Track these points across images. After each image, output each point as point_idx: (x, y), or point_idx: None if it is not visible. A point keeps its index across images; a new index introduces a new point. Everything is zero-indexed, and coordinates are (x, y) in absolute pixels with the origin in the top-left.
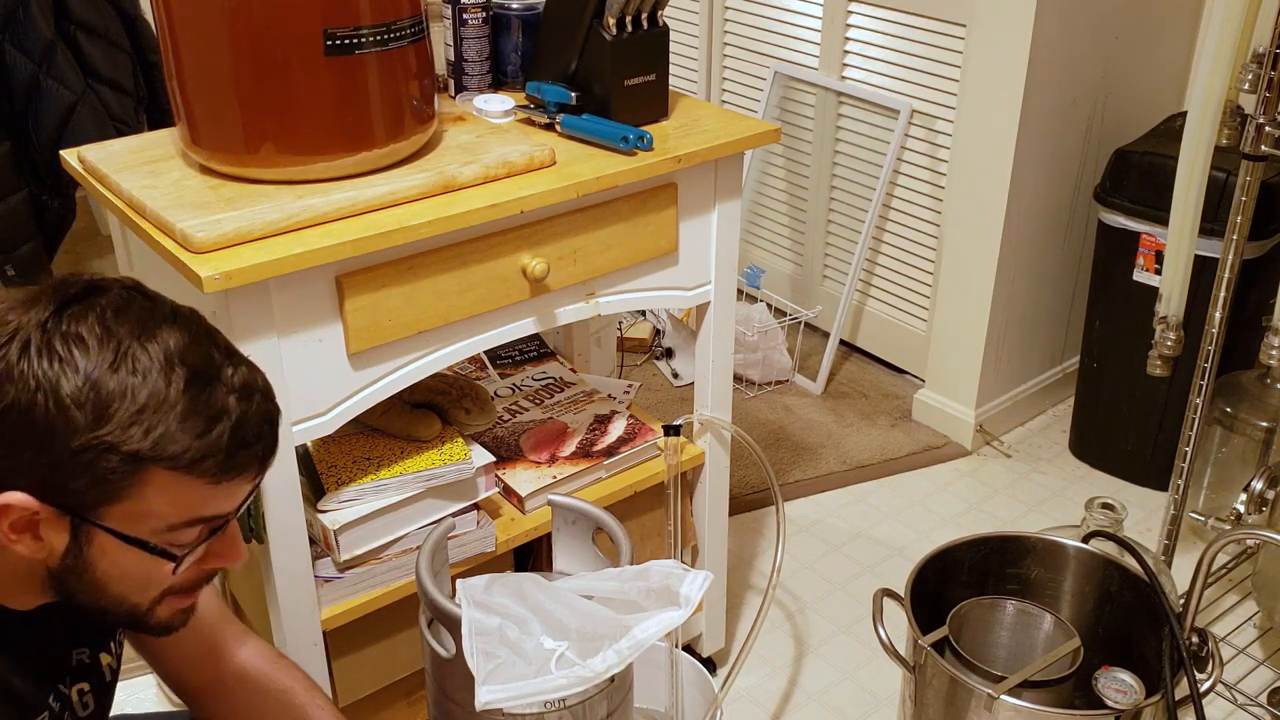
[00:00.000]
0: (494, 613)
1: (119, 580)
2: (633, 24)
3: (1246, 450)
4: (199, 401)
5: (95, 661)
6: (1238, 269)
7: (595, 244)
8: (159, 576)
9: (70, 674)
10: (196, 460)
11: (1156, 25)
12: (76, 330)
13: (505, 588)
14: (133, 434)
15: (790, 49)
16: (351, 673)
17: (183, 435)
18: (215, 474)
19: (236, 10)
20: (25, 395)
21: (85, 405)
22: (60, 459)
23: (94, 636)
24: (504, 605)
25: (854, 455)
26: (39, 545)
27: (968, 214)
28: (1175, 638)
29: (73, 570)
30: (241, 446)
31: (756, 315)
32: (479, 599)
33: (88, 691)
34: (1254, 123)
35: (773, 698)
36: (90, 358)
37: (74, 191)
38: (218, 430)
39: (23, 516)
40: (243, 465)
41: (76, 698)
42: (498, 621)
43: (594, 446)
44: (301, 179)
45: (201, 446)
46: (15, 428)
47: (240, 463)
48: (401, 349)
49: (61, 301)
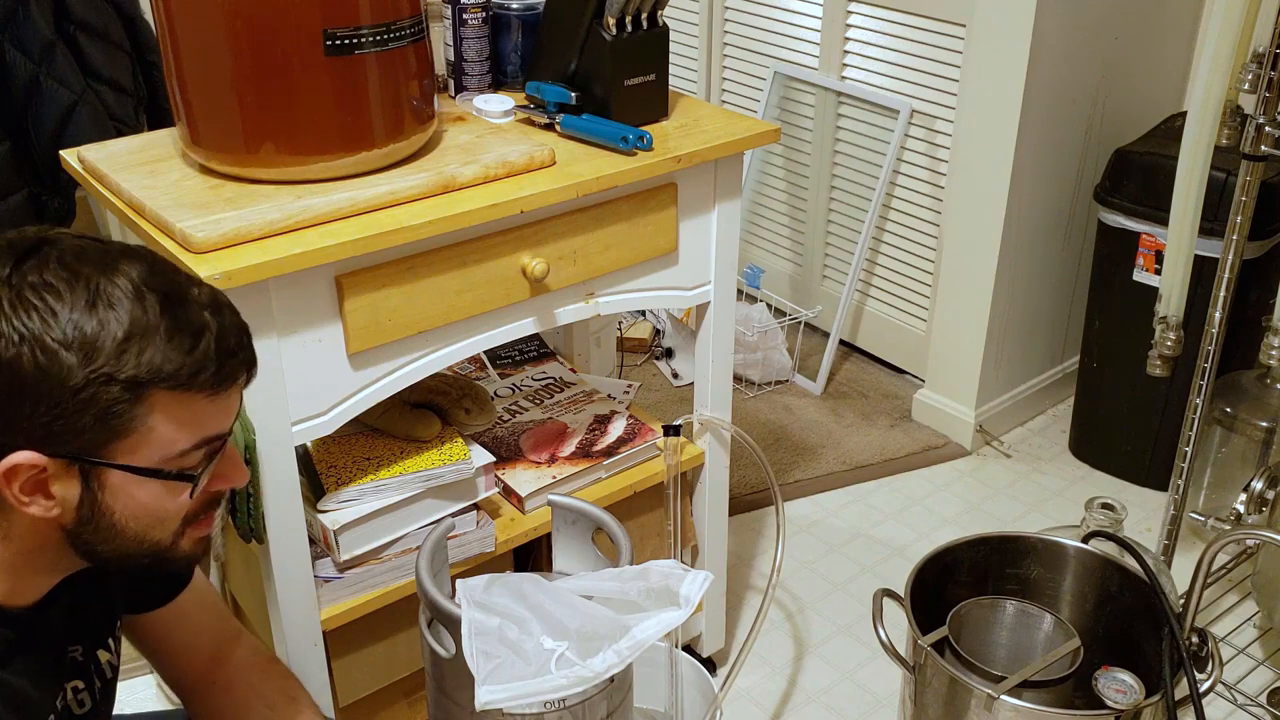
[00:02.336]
0: (494, 613)
1: (137, 518)
2: (633, 24)
3: (1246, 450)
4: (179, 320)
5: (91, 659)
6: (1238, 269)
7: (595, 244)
8: (174, 507)
9: (67, 673)
10: (194, 374)
11: (1156, 25)
12: (43, 279)
13: (505, 588)
14: (126, 361)
15: (790, 49)
16: (351, 673)
17: (174, 353)
18: (212, 385)
19: (236, 10)
20: (10, 351)
21: (73, 346)
22: (61, 405)
23: (90, 633)
24: (504, 605)
25: (854, 455)
26: (51, 504)
27: (968, 214)
28: (1175, 638)
29: (89, 521)
30: (229, 355)
31: (756, 315)
32: (479, 599)
33: (82, 690)
34: (1254, 123)
35: (773, 698)
36: (64, 301)
37: (74, 191)
38: (204, 343)
39: (31, 476)
40: (233, 374)
41: (71, 695)
42: (498, 621)
43: (594, 446)
44: (301, 179)
45: (194, 361)
46: (8, 386)
47: (231, 371)
48: (401, 349)
49: (18, 256)
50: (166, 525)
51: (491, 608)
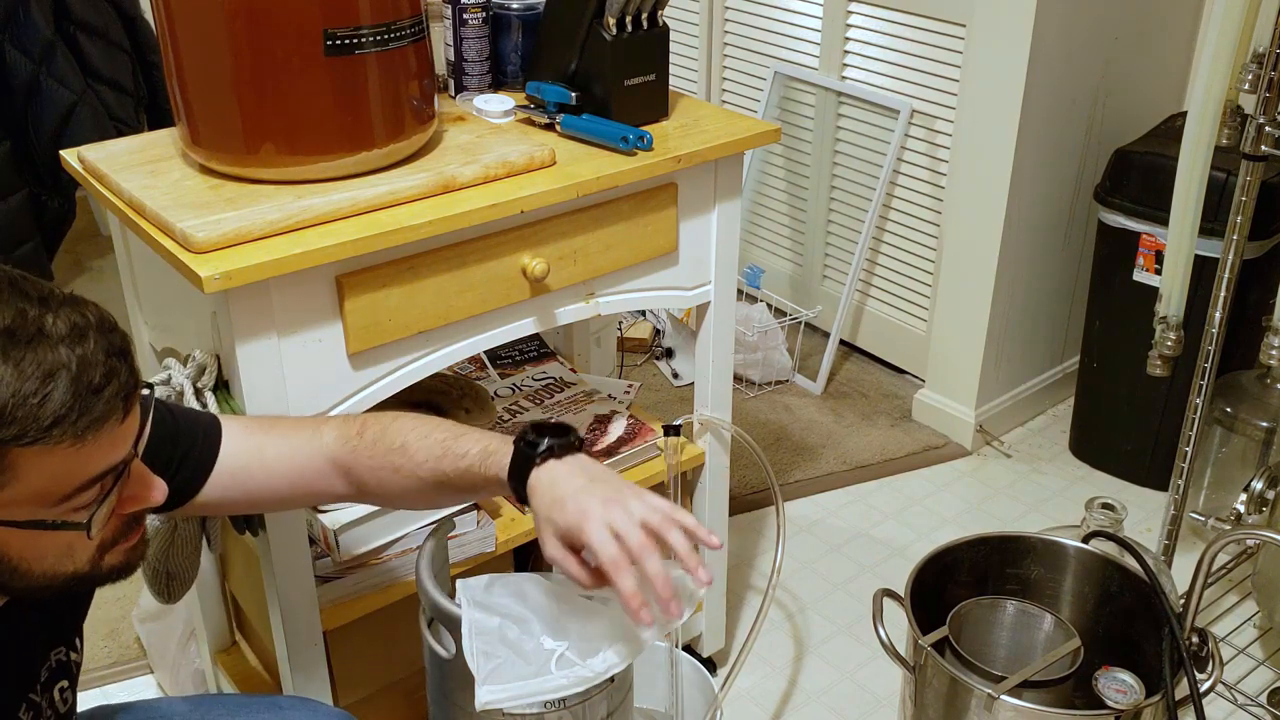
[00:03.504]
0: (494, 612)
1: (41, 560)
2: (633, 24)
3: (1246, 450)
4: (24, 366)
5: (68, 657)
6: (1238, 269)
7: (595, 244)
8: (79, 542)
9: (51, 675)
10: (48, 428)
11: (1156, 25)
12: None
13: (505, 588)
14: None
15: (790, 49)
16: (351, 673)
17: (20, 409)
18: (74, 435)
19: (236, 10)
20: None
21: None
22: None
23: (64, 633)
24: (504, 605)
25: (854, 455)
26: None
27: (968, 214)
28: (1175, 638)
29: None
30: (93, 393)
31: (756, 315)
32: (479, 599)
33: (68, 688)
34: (1254, 123)
35: (773, 698)
36: None
37: (74, 191)
38: (58, 393)
39: None
40: (101, 416)
41: (57, 696)
42: (498, 621)
43: (594, 446)
44: (301, 179)
45: (48, 414)
46: None
47: (98, 414)
48: (401, 349)
49: None
50: (77, 557)
51: (491, 607)
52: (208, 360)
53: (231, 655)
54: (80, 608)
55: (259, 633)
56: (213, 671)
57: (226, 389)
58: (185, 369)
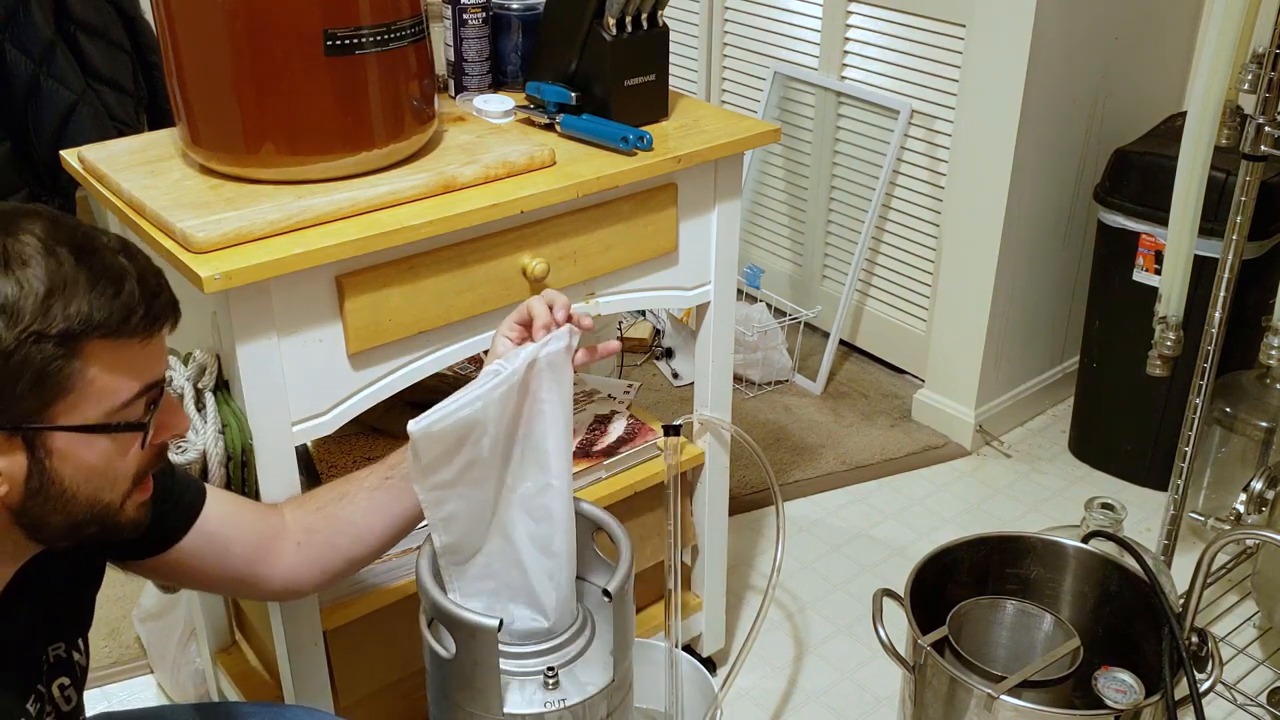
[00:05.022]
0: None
1: (89, 480)
2: (633, 24)
3: (1246, 450)
4: (96, 269)
5: (70, 656)
6: (1238, 269)
7: (595, 244)
8: (125, 464)
9: (49, 671)
10: (124, 319)
11: (1156, 25)
12: None
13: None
14: (54, 316)
15: (790, 49)
16: (351, 673)
17: (100, 301)
18: (144, 328)
19: (236, 10)
20: None
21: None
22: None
23: (66, 631)
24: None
25: (854, 455)
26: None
27: (968, 214)
28: (1175, 638)
29: (39, 492)
30: (154, 296)
31: (756, 315)
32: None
33: (69, 686)
34: (1254, 123)
35: (773, 698)
36: None
37: (74, 191)
38: (128, 287)
39: None
40: (161, 314)
41: (58, 693)
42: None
43: (594, 446)
44: (301, 179)
45: (122, 306)
46: None
47: (159, 312)
48: (401, 349)
49: None
50: (118, 485)
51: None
52: (208, 360)
53: (231, 655)
54: (80, 607)
55: (259, 632)
56: (213, 671)
57: (226, 389)
58: (185, 369)
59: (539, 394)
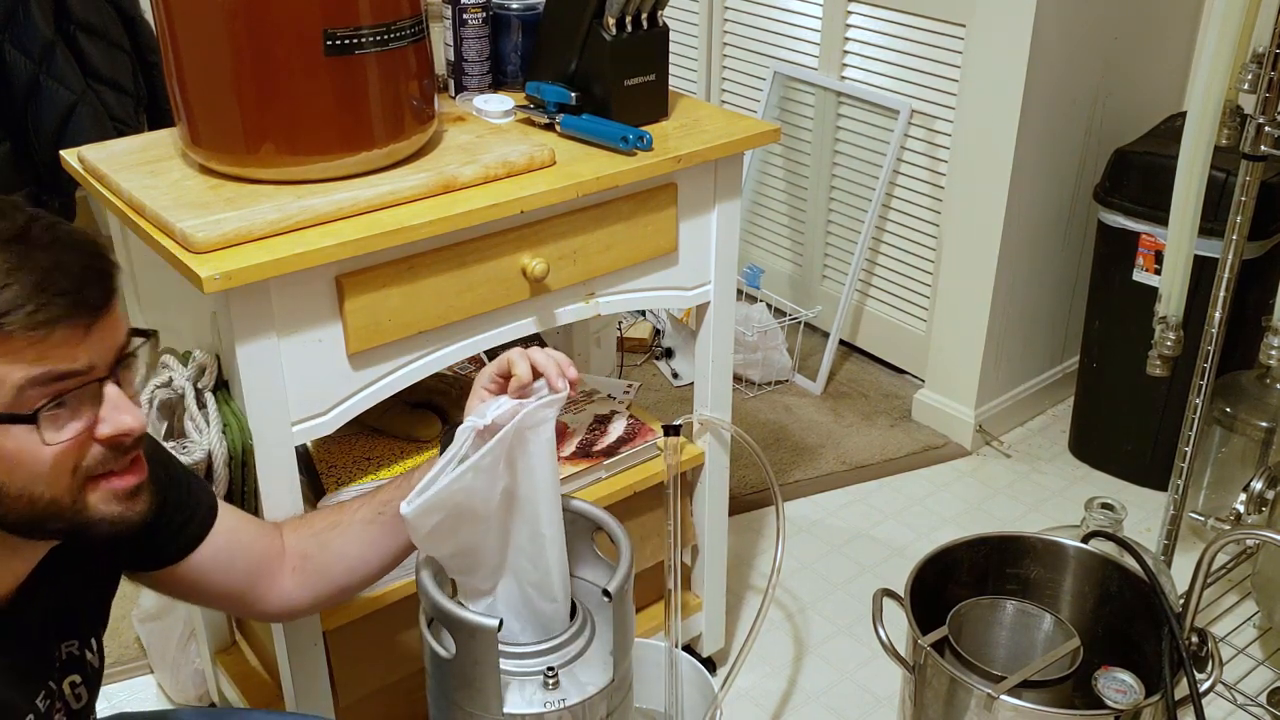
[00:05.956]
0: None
1: (10, 473)
2: (633, 24)
3: (1246, 450)
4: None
5: (83, 654)
6: (1238, 269)
7: (595, 244)
8: (43, 456)
9: (60, 668)
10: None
11: (1156, 25)
12: None
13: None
14: None
15: (790, 49)
16: (351, 673)
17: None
18: (26, 325)
19: (236, 10)
20: None
21: None
22: None
23: (79, 629)
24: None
25: (854, 455)
26: None
27: (968, 214)
28: (1175, 638)
29: None
30: (59, 295)
31: (756, 315)
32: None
33: (80, 684)
34: (1254, 123)
35: (773, 698)
36: None
37: (74, 191)
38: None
39: None
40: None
41: (69, 690)
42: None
43: (594, 446)
44: (301, 179)
45: (5, 301)
46: None
47: (62, 310)
48: (401, 349)
49: None
50: (53, 481)
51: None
52: (208, 360)
53: (231, 655)
54: (95, 607)
55: (258, 633)
56: (212, 672)
57: (226, 389)
58: (185, 369)
59: (528, 448)
